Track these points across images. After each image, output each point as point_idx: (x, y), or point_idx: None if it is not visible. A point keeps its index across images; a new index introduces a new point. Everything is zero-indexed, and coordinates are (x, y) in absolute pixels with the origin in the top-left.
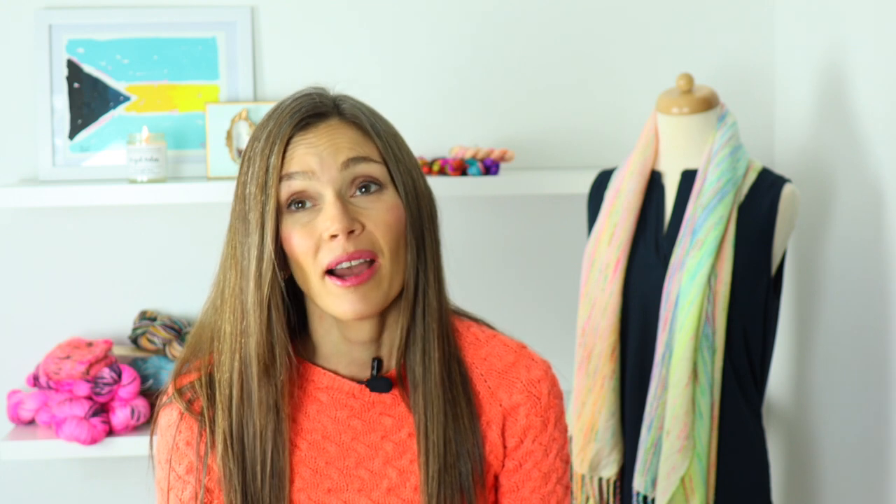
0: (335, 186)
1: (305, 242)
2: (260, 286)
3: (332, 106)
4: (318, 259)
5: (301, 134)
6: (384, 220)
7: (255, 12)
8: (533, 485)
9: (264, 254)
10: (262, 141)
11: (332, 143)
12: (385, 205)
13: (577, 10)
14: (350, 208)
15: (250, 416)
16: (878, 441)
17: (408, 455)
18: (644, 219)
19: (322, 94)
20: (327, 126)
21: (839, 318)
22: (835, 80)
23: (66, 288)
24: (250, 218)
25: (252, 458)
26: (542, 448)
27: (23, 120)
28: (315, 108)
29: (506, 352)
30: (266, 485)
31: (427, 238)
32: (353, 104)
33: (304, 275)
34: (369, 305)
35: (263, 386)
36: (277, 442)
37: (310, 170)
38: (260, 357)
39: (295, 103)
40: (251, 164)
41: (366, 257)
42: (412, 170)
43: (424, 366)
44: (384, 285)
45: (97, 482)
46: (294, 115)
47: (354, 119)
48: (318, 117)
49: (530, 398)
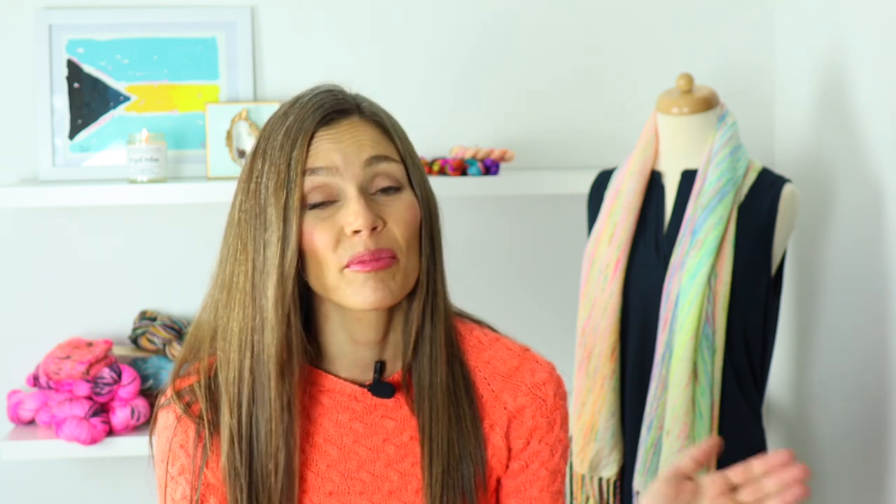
0: (358, 182)
1: (326, 237)
2: (282, 282)
3: (353, 104)
4: (338, 253)
5: (324, 129)
6: (404, 218)
7: (255, 12)
8: (542, 484)
9: (288, 249)
10: (282, 135)
11: (355, 139)
12: (404, 203)
13: (577, 11)
14: (372, 205)
15: (261, 415)
16: (878, 441)
17: (409, 458)
18: (644, 219)
19: (342, 92)
20: (350, 123)
21: (839, 318)
22: (835, 80)
23: (66, 288)
24: (269, 213)
25: (263, 457)
26: (549, 448)
27: (23, 120)
28: (338, 105)
29: (509, 355)
30: (279, 483)
31: (436, 239)
32: (372, 104)
33: (320, 270)
34: (389, 294)
35: (279, 384)
36: (289, 441)
37: (333, 165)
38: (279, 355)
39: (317, 98)
40: (268, 158)
41: (385, 255)
42: (422, 171)
43: (431, 368)
44: (401, 278)
45: (97, 482)
46: (318, 111)
47: (375, 118)
48: (341, 114)
49: (536, 400)
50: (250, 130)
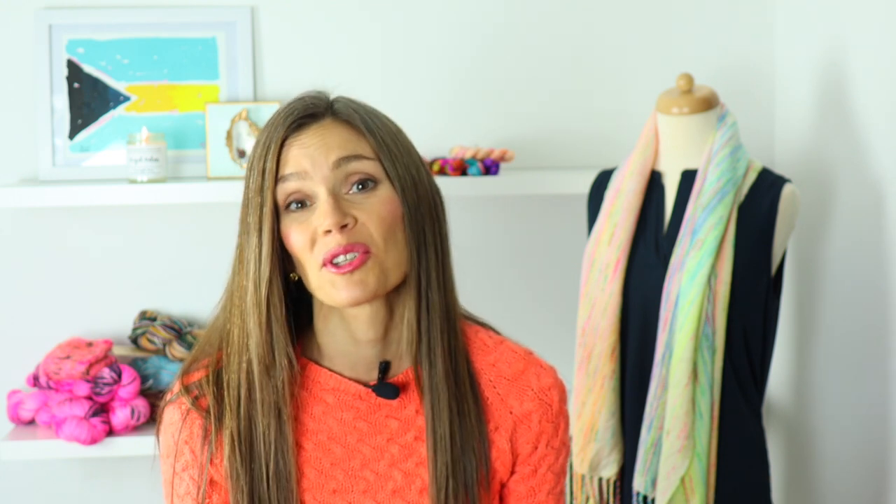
0: (328, 185)
1: (302, 238)
2: (258, 286)
3: (326, 107)
4: (314, 253)
5: (294, 136)
6: (377, 212)
7: (255, 12)
8: (548, 487)
9: (262, 254)
10: (260, 146)
11: (322, 142)
12: (379, 199)
13: (577, 11)
14: (343, 204)
15: (258, 418)
16: (878, 441)
17: (414, 458)
18: (644, 219)
19: (317, 97)
20: (319, 126)
21: (839, 318)
22: (835, 80)
23: (66, 288)
24: (250, 221)
25: (259, 460)
26: (555, 452)
27: (23, 120)
28: (307, 110)
29: (514, 359)
30: (273, 486)
31: (428, 233)
32: (348, 104)
33: (304, 270)
34: (365, 290)
35: (265, 387)
36: (280, 443)
37: (302, 170)
38: (260, 357)
39: (289, 107)
40: (251, 169)
41: (359, 250)
42: (411, 166)
43: (430, 360)
44: (378, 271)
45: (97, 482)
46: (287, 119)
47: (347, 118)
48: (311, 118)
49: (542, 405)
50: (250, 130)
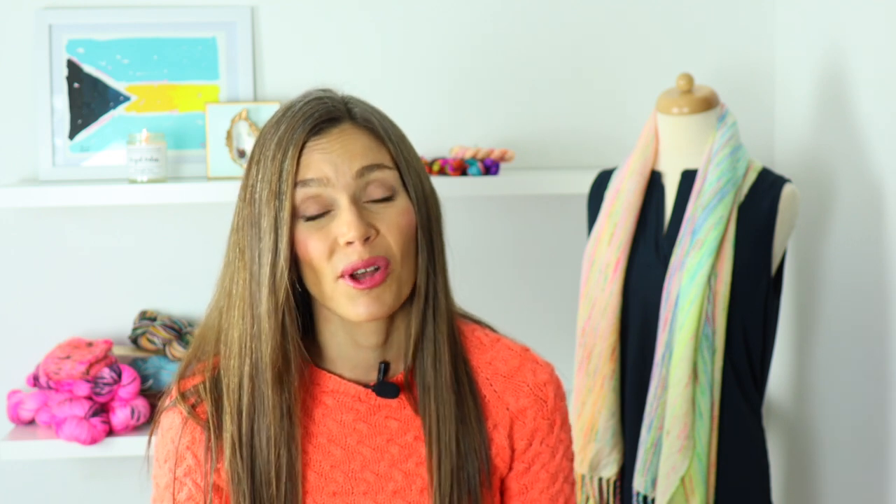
0: (350, 192)
1: (320, 246)
2: (274, 292)
3: (344, 110)
4: (332, 263)
5: (315, 139)
6: (397, 224)
7: (255, 12)
8: (542, 486)
9: (279, 260)
10: (274, 145)
11: (345, 149)
12: (398, 210)
13: (577, 11)
14: (365, 213)
15: (262, 422)
16: (878, 441)
17: (414, 458)
18: (644, 219)
19: (333, 98)
20: (340, 131)
21: (839, 318)
22: (835, 80)
23: (66, 288)
24: (262, 223)
25: (264, 464)
26: (550, 450)
27: (23, 120)
28: (328, 113)
29: (511, 356)
30: (281, 490)
31: (436, 241)
32: (364, 108)
33: (316, 278)
34: (383, 307)
35: (277, 392)
36: (291, 447)
37: (325, 176)
38: (274, 363)
39: (307, 107)
40: (262, 167)
41: (380, 264)
42: (420, 172)
43: (436, 368)
44: (395, 287)
45: (97, 482)
46: (307, 121)
47: (367, 124)
48: (331, 122)
49: (537, 402)
50: (250, 130)
